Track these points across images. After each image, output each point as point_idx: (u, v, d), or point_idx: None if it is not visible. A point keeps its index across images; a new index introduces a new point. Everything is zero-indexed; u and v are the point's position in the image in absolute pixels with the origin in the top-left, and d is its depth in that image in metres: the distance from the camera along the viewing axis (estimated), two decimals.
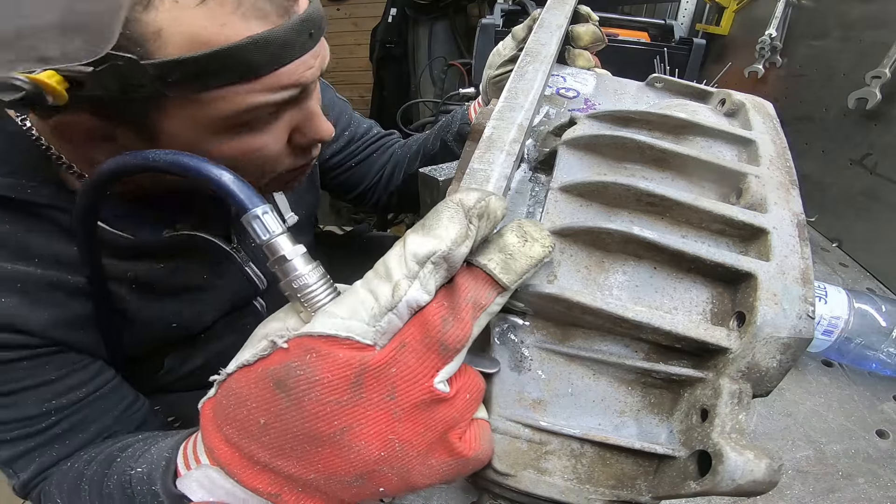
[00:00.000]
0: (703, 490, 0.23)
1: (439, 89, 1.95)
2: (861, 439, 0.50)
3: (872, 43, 0.78)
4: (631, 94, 0.43)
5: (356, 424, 0.24)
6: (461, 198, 0.24)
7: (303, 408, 0.24)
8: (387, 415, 0.24)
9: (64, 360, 0.44)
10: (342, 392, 0.24)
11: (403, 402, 0.24)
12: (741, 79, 1.06)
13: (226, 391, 0.26)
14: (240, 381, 0.26)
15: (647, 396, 0.29)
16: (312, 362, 0.24)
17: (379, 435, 0.24)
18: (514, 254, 0.25)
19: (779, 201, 0.29)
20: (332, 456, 0.25)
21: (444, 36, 2.04)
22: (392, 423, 0.24)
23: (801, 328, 0.25)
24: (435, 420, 0.25)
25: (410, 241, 0.24)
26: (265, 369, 0.25)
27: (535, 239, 0.25)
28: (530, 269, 0.25)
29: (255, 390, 0.25)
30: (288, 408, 0.24)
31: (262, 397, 0.25)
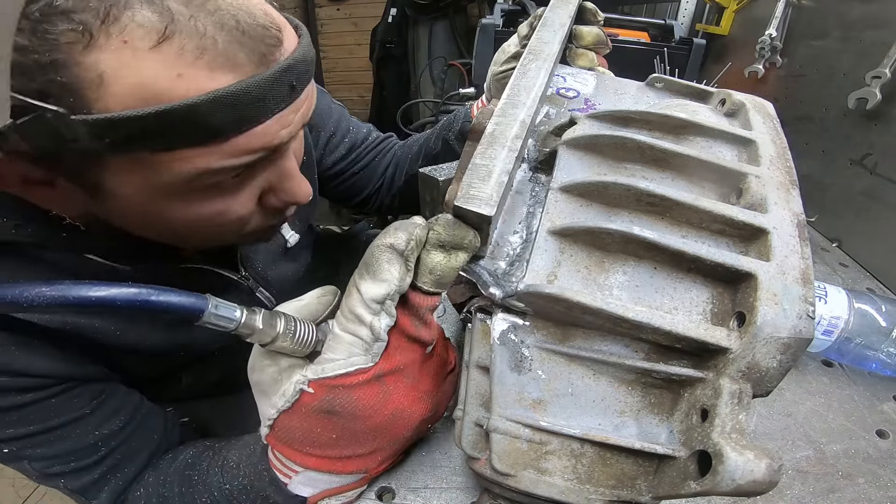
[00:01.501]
0: (703, 490, 0.23)
1: (439, 89, 1.95)
2: (861, 439, 0.50)
3: (872, 43, 0.78)
4: (631, 94, 0.43)
5: (399, 406, 0.34)
6: (392, 242, 0.29)
7: (358, 418, 0.33)
8: (412, 389, 0.35)
9: (91, 392, 0.42)
10: (376, 397, 0.33)
11: (415, 374, 0.35)
12: (741, 79, 1.05)
13: (284, 428, 0.34)
14: (291, 420, 0.34)
15: (648, 396, 0.29)
16: (343, 393, 0.32)
17: (416, 400, 0.35)
18: (443, 273, 0.30)
19: (779, 201, 0.29)
20: (394, 429, 0.36)
21: (444, 36, 2.04)
22: (417, 387, 0.35)
23: (801, 328, 0.25)
24: (434, 367, 0.37)
25: (364, 288, 0.30)
26: (307, 408, 0.33)
27: (457, 248, 0.30)
28: (457, 273, 0.31)
29: (312, 421, 0.33)
30: (348, 422, 0.33)
31: (322, 424, 0.34)
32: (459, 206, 0.27)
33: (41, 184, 0.32)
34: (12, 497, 1.26)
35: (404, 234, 0.29)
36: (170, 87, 0.28)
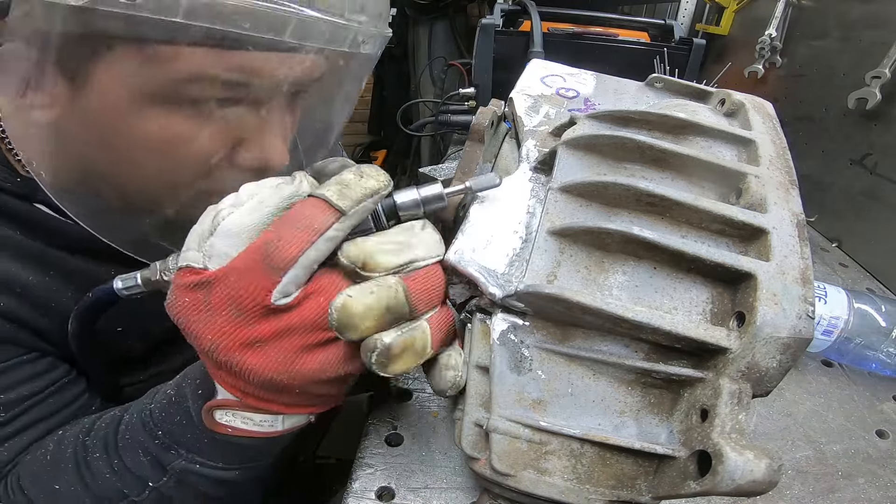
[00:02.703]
0: (703, 490, 0.23)
1: (439, 89, 1.95)
2: (861, 439, 0.50)
3: (872, 43, 0.78)
4: (631, 94, 0.43)
5: (221, 339, 0.28)
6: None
7: (185, 331, 0.29)
8: (242, 330, 0.28)
9: (7, 350, 0.41)
10: (200, 312, 0.28)
11: (249, 318, 0.28)
12: (741, 79, 1.06)
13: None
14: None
15: (647, 396, 0.29)
16: (174, 293, 0.29)
17: (246, 345, 0.28)
18: (349, 184, 0.28)
19: (779, 201, 0.29)
20: (226, 368, 0.29)
21: (444, 36, 2.04)
22: (249, 332, 0.28)
23: (800, 328, 0.25)
24: (287, 328, 0.28)
25: (243, 188, 0.29)
26: (170, 294, 0.30)
27: (371, 176, 0.29)
28: (365, 198, 0.28)
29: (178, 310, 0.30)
30: (184, 332, 0.30)
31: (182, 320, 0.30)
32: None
33: (35, 87, 0.33)
34: None
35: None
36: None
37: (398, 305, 0.28)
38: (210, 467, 0.36)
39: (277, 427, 0.34)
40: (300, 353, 0.29)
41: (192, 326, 0.29)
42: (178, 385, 0.36)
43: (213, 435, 0.33)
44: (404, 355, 0.29)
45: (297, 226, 0.27)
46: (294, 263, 0.27)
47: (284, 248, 0.27)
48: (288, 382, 0.29)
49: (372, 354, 0.28)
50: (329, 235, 0.27)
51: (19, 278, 0.40)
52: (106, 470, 0.38)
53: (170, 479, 0.36)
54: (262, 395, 0.31)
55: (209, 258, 0.28)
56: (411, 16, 2.04)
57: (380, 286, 0.28)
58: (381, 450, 0.45)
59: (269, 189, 0.29)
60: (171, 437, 0.35)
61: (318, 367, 0.29)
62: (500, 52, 1.02)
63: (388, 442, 0.46)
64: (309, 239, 0.27)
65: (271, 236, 0.27)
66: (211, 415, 0.33)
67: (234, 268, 0.27)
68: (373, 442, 0.46)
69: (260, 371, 0.29)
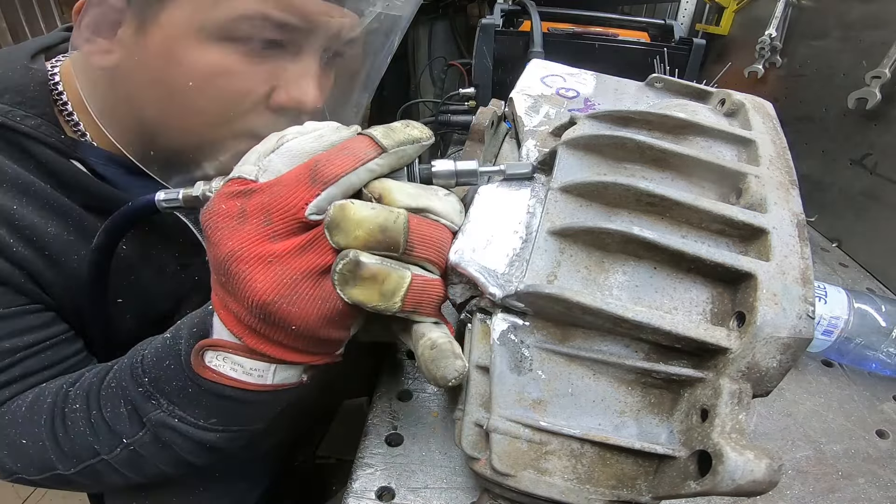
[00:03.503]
0: (703, 490, 0.23)
1: (439, 89, 1.95)
2: (861, 439, 0.50)
3: (872, 43, 0.78)
4: (631, 94, 0.43)
5: (240, 248, 0.28)
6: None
7: (209, 238, 0.29)
8: (264, 242, 0.28)
9: (10, 298, 0.41)
10: (231, 219, 0.29)
11: (277, 228, 0.28)
12: (741, 79, 1.05)
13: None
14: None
15: (647, 396, 0.29)
16: (214, 199, 0.30)
17: (259, 259, 0.28)
18: (395, 129, 0.31)
19: (779, 201, 0.29)
20: (233, 284, 0.29)
21: (444, 36, 2.04)
22: (269, 246, 0.28)
23: (801, 328, 0.25)
24: (311, 247, 0.29)
25: (307, 123, 0.32)
26: (206, 208, 0.31)
27: (416, 127, 0.31)
28: (407, 142, 0.30)
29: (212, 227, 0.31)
30: (210, 245, 0.30)
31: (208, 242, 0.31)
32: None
33: (110, 28, 0.39)
34: (12, 497, 1.26)
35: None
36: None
37: (394, 231, 0.28)
38: (189, 423, 0.35)
39: (267, 380, 0.32)
40: (305, 278, 0.28)
41: (217, 233, 0.29)
42: (178, 327, 0.35)
43: (198, 381, 0.33)
44: (369, 284, 0.28)
45: (345, 153, 0.29)
46: (335, 181, 0.28)
47: (330, 167, 0.28)
48: (287, 310, 0.28)
49: (340, 261, 0.28)
50: (370, 167, 0.29)
51: (40, 228, 0.42)
52: (82, 422, 0.37)
53: (145, 434, 0.36)
54: (257, 327, 0.30)
55: (263, 171, 0.30)
56: None
57: (384, 208, 0.28)
58: (381, 450, 0.45)
59: (331, 128, 0.32)
60: (156, 385, 0.35)
61: (320, 295, 0.29)
62: (500, 52, 1.02)
63: (388, 442, 0.46)
64: (352, 165, 0.29)
65: (321, 157, 0.29)
66: (201, 357, 0.32)
67: (280, 180, 0.29)
68: (373, 442, 0.46)
69: (262, 291, 0.28)
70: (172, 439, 0.36)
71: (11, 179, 0.42)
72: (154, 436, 0.36)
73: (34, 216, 0.42)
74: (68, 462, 0.38)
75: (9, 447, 0.39)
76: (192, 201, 0.34)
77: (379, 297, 0.28)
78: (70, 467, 0.38)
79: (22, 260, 0.41)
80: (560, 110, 0.41)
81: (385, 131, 0.30)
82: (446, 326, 0.32)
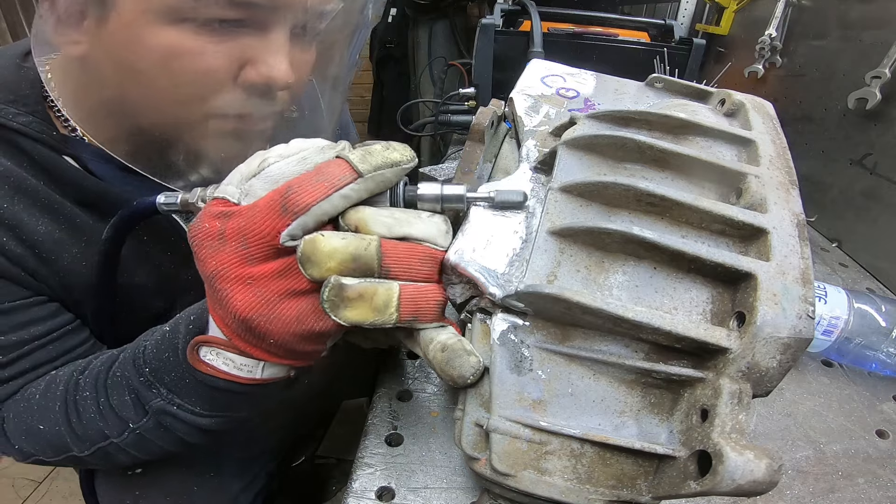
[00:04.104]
0: (703, 490, 0.23)
1: (439, 89, 1.95)
2: (861, 439, 0.50)
3: (872, 43, 0.78)
4: (631, 94, 0.43)
5: (221, 268, 0.29)
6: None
7: (195, 253, 0.31)
8: (243, 264, 0.29)
9: (12, 291, 0.43)
10: (213, 239, 0.30)
11: (254, 253, 0.29)
12: (741, 79, 1.06)
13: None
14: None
15: (647, 396, 0.29)
16: (198, 217, 0.31)
17: (239, 279, 0.29)
18: (374, 152, 0.30)
19: (779, 201, 0.29)
20: (217, 298, 0.30)
21: (444, 36, 2.04)
22: (248, 269, 0.29)
23: (801, 328, 0.25)
24: (287, 272, 0.29)
25: (293, 142, 0.32)
26: (195, 222, 0.32)
27: (396, 150, 0.30)
28: (385, 166, 0.30)
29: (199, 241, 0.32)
30: (194, 255, 0.31)
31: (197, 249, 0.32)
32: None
33: (79, 17, 0.38)
34: (12, 497, 1.26)
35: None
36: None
37: (366, 258, 0.28)
38: (187, 410, 0.37)
39: (256, 374, 0.34)
40: (281, 299, 0.30)
41: (202, 251, 0.30)
42: (176, 321, 0.37)
43: (194, 373, 0.34)
44: (359, 304, 0.28)
45: (318, 179, 0.29)
46: (306, 211, 0.28)
47: (301, 196, 0.28)
48: (265, 327, 0.30)
49: (325, 290, 0.28)
50: (344, 193, 0.29)
51: (30, 227, 0.43)
52: (92, 409, 0.39)
53: (149, 420, 0.38)
54: (243, 336, 0.31)
55: (245, 195, 0.30)
56: (411, 16, 2.04)
57: (355, 237, 0.29)
58: (381, 450, 0.45)
59: (315, 148, 0.31)
60: (156, 375, 0.37)
61: (294, 316, 0.30)
62: (500, 52, 1.02)
63: (388, 442, 0.46)
64: (325, 192, 0.28)
65: (294, 183, 0.29)
66: (196, 352, 0.34)
67: (255, 205, 0.29)
68: (373, 442, 0.46)
69: (242, 309, 0.29)
70: (172, 424, 0.38)
71: (2, 176, 0.42)
72: (156, 421, 0.38)
73: (24, 214, 0.42)
74: (82, 445, 0.41)
75: (26, 433, 0.41)
76: (188, 206, 0.35)
77: (372, 312, 0.29)
78: (84, 450, 0.41)
79: (15, 257, 0.42)
80: (560, 110, 0.41)
81: (363, 155, 0.30)
82: (452, 328, 0.33)
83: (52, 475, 1.30)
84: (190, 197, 0.35)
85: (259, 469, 0.64)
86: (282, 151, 0.31)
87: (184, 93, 0.41)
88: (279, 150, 0.31)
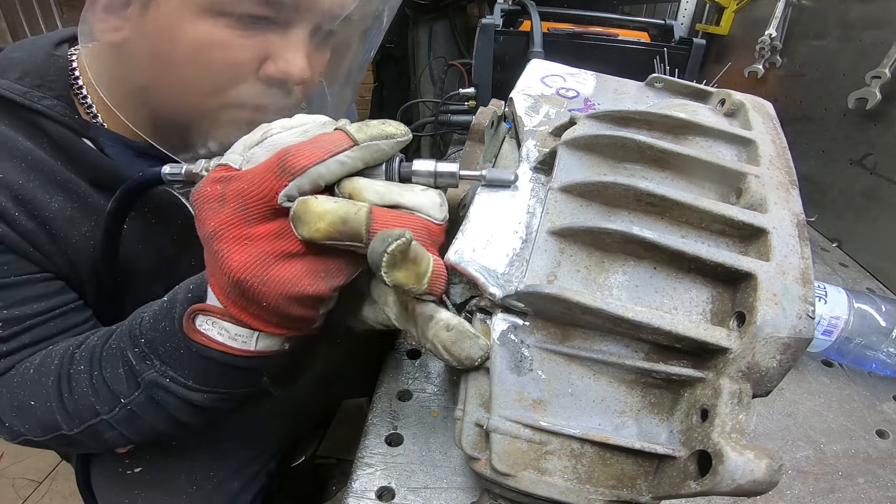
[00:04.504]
0: (704, 490, 0.23)
1: (439, 89, 1.95)
2: (861, 439, 0.50)
3: (872, 43, 0.78)
4: (631, 94, 0.43)
5: (219, 227, 0.30)
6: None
7: (196, 215, 0.31)
8: (242, 225, 0.30)
9: (20, 266, 0.43)
10: (213, 201, 0.31)
11: (252, 214, 0.30)
12: (741, 79, 1.06)
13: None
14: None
15: (647, 396, 0.29)
16: (201, 182, 0.32)
17: (237, 239, 0.30)
18: (370, 124, 0.31)
19: (779, 201, 0.29)
20: (214, 259, 0.31)
21: (444, 36, 2.04)
22: (246, 229, 0.30)
23: (801, 328, 0.25)
24: (283, 234, 0.30)
25: (296, 117, 0.33)
26: (195, 191, 0.33)
27: (391, 125, 0.32)
28: (380, 137, 0.31)
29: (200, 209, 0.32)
30: (196, 218, 0.32)
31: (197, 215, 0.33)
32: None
33: (123, 5, 0.42)
34: (12, 497, 1.26)
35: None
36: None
37: (355, 222, 0.29)
38: (179, 384, 0.37)
39: (250, 346, 0.34)
40: (275, 260, 0.30)
41: (202, 212, 0.31)
42: (175, 291, 0.37)
43: (188, 344, 0.35)
44: (410, 266, 0.29)
45: (315, 144, 0.30)
46: (303, 172, 0.29)
47: (298, 158, 0.29)
48: (259, 289, 0.30)
49: (393, 242, 0.27)
50: (340, 158, 0.30)
51: (44, 203, 0.44)
52: (85, 383, 0.40)
53: (140, 394, 0.38)
54: (237, 301, 0.32)
55: (247, 162, 0.31)
56: (411, 16, 2.04)
57: (347, 202, 0.29)
58: (381, 450, 0.45)
59: (316, 123, 0.32)
60: (151, 346, 0.37)
61: (287, 278, 0.31)
62: (500, 52, 1.02)
63: (388, 442, 0.46)
64: (321, 156, 0.29)
65: (292, 147, 0.30)
66: (192, 321, 0.34)
67: (254, 169, 0.30)
68: (373, 442, 0.46)
69: (237, 269, 0.30)
70: (164, 398, 0.38)
71: (22, 155, 0.44)
72: (148, 396, 0.38)
73: (38, 190, 0.44)
74: (72, 423, 0.41)
75: (18, 409, 0.42)
76: (192, 176, 0.36)
77: (415, 278, 0.29)
78: (73, 427, 0.41)
79: (25, 232, 0.43)
80: (560, 110, 0.41)
81: (359, 126, 0.31)
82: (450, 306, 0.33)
83: (52, 475, 1.30)
84: (195, 168, 0.35)
85: (259, 469, 0.64)
86: (285, 123, 0.32)
87: (209, 82, 0.44)
88: (282, 123, 0.32)
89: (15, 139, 0.44)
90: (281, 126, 0.32)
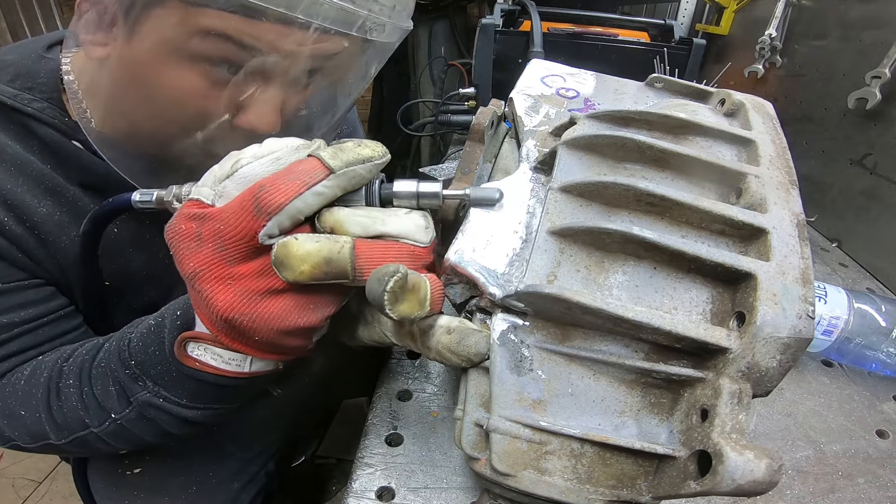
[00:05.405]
0: (703, 490, 0.23)
1: (439, 89, 1.95)
2: (861, 439, 0.50)
3: (872, 43, 0.78)
4: (631, 94, 0.43)
5: (200, 268, 0.29)
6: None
7: (173, 253, 0.30)
8: (223, 265, 0.29)
9: (9, 273, 0.43)
10: (190, 240, 0.29)
11: (232, 254, 0.29)
12: (741, 79, 1.06)
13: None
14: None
15: (647, 396, 0.29)
16: (174, 218, 0.31)
17: (220, 279, 0.29)
18: (345, 149, 0.30)
19: (779, 201, 0.29)
20: (199, 298, 0.30)
21: (444, 36, 2.04)
22: (228, 269, 0.29)
23: (800, 328, 0.25)
24: (257, 272, 0.29)
25: (266, 142, 0.31)
26: (171, 221, 0.32)
27: (367, 146, 0.31)
28: (356, 162, 0.30)
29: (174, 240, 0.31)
30: (173, 255, 0.31)
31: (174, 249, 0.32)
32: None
33: (109, 25, 0.40)
34: (12, 497, 1.26)
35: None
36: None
37: (339, 260, 0.28)
38: (173, 402, 0.37)
39: (244, 368, 0.34)
40: (262, 297, 0.30)
41: (179, 252, 0.30)
42: (162, 314, 0.37)
43: (181, 368, 0.34)
44: (410, 296, 0.28)
45: (290, 177, 0.28)
46: (279, 210, 0.28)
47: (274, 195, 0.28)
48: (248, 325, 0.30)
49: (389, 280, 0.27)
50: (317, 190, 0.29)
51: (32, 208, 0.44)
52: (74, 398, 0.40)
53: (131, 412, 0.38)
54: (228, 333, 0.32)
55: (219, 197, 0.30)
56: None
57: (328, 239, 0.28)
58: (381, 450, 0.45)
59: (288, 149, 0.31)
60: (142, 368, 0.37)
61: (277, 314, 0.30)
62: (500, 52, 1.02)
63: (388, 442, 0.46)
64: (297, 189, 0.28)
65: (266, 182, 0.28)
66: (183, 347, 0.34)
67: (229, 207, 0.29)
68: (373, 442, 0.46)
69: (224, 308, 0.29)
70: (157, 416, 0.38)
71: (11, 159, 0.44)
72: (139, 413, 0.38)
73: (27, 195, 0.44)
74: (60, 433, 0.41)
75: (8, 417, 0.42)
76: (163, 204, 0.35)
77: (418, 305, 0.29)
78: (62, 438, 0.41)
79: (14, 237, 0.43)
80: (560, 110, 0.41)
81: (334, 152, 0.30)
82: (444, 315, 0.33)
83: (52, 475, 1.30)
84: (165, 195, 0.35)
85: (259, 469, 0.64)
86: (255, 152, 0.31)
87: (181, 122, 0.43)
88: (252, 151, 0.31)
89: (4, 143, 0.44)
90: (252, 155, 0.31)
